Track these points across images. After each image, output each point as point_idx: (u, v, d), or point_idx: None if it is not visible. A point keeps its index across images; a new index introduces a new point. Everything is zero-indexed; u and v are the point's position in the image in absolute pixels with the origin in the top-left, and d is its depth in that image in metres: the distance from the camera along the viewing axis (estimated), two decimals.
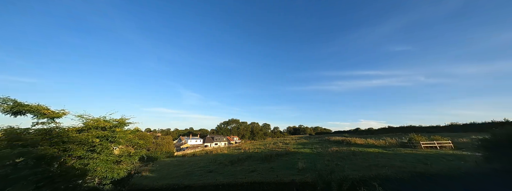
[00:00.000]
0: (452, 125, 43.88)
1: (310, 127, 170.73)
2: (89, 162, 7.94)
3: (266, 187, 10.07)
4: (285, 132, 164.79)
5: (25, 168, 6.60)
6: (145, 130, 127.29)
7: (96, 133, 8.46)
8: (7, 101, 7.32)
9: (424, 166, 13.54)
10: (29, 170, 6.51)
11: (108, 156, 8.60)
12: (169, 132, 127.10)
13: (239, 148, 45.53)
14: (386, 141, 30.71)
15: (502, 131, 10.12)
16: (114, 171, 8.69)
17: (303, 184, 9.62)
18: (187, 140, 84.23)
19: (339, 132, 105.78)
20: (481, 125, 36.57)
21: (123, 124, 10.07)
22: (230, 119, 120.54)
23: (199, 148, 69.96)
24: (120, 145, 9.92)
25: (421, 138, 25.86)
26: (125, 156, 9.53)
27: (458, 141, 24.59)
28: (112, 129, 9.22)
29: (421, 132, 40.63)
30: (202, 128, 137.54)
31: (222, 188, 10.70)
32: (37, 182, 6.51)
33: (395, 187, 8.56)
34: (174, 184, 11.90)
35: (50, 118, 8.24)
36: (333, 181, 8.40)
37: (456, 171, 9.42)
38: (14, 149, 6.91)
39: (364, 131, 77.39)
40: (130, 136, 9.85)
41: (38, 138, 7.46)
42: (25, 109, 7.58)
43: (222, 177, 16.63)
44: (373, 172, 10.38)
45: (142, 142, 10.89)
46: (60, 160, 7.43)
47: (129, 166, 10.14)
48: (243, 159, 25.93)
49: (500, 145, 9.77)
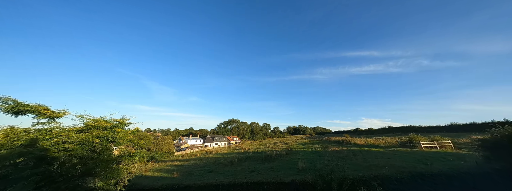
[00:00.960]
0: (452, 125, 43.94)
1: (310, 127, 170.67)
2: (89, 162, 7.94)
3: (266, 187, 10.07)
4: (285, 132, 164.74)
5: (25, 168, 6.61)
6: (145, 130, 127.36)
7: (96, 133, 8.46)
8: (8, 101, 7.33)
9: (424, 166, 13.54)
10: (29, 170, 6.53)
11: (109, 156, 8.60)
12: (169, 132, 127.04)
13: (239, 148, 45.52)
14: (386, 141, 30.72)
15: (502, 131, 10.13)
16: (114, 171, 8.70)
17: (303, 184, 9.62)
18: (187, 140, 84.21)
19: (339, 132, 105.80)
20: (481, 125, 36.54)
21: (124, 124, 10.07)
22: (230, 119, 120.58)
23: (199, 148, 69.95)
24: (121, 146, 9.93)
25: (421, 138, 25.86)
26: (125, 156, 9.53)
27: (458, 141, 24.57)
28: (113, 129, 9.21)
29: (421, 132, 40.65)
30: (202, 128, 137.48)
31: (222, 188, 10.70)
32: (38, 182, 6.52)
33: (395, 187, 8.57)
34: (174, 184, 11.91)
35: (50, 118, 8.25)
36: (333, 181, 8.40)
37: (456, 171, 9.42)
38: (14, 149, 6.94)
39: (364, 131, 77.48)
40: (131, 137, 9.85)
41: (39, 138, 7.47)
42: (26, 109, 7.59)
43: (222, 177, 16.64)
44: (373, 172, 10.39)
45: (142, 142, 10.89)
46: (60, 160, 7.44)
47: (129, 166, 10.15)
48: (243, 159, 25.92)
49: (500, 145, 9.78)
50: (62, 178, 7.14)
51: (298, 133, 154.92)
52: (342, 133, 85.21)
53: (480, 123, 37.91)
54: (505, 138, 9.74)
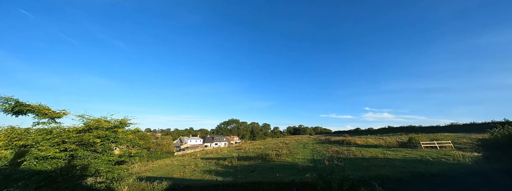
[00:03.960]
0: (452, 125, 43.91)
1: (310, 127, 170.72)
2: (90, 162, 7.95)
3: (266, 187, 10.08)
4: (285, 132, 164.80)
5: (26, 168, 6.63)
6: (145, 130, 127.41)
7: (97, 133, 8.47)
8: (9, 101, 7.33)
9: (424, 166, 13.56)
10: (30, 170, 6.54)
11: (109, 156, 8.61)
12: (169, 132, 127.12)
13: (239, 148, 45.53)
14: (386, 141, 30.73)
15: (502, 131, 10.14)
16: (114, 171, 8.71)
17: (303, 184, 9.63)
18: (187, 140, 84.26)
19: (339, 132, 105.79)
20: (481, 125, 36.54)
21: (125, 125, 10.07)
22: (230, 119, 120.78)
23: (199, 148, 69.99)
24: (121, 146, 9.94)
25: (421, 138, 25.87)
26: (126, 157, 9.54)
27: (458, 141, 24.59)
28: (114, 129, 9.22)
29: (421, 132, 40.68)
30: (202, 128, 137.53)
31: (222, 188, 10.71)
32: (38, 182, 6.54)
33: (395, 187, 8.57)
34: (174, 184, 11.93)
35: (51, 118, 8.26)
36: (333, 181, 8.40)
37: (456, 171, 9.43)
38: (15, 149, 6.96)
39: (364, 131, 77.55)
40: (131, 137, 9.85)
41: (39, 138, 7.48)
42: (26, 108, 7.60)
43: (222, 177, 16.66)
44: (373, 172, 10.40)
45: (142, 143, 10.90)
46: (60, 160, 7.45)
47: (129, 166, 10.16)
48: (243, 159, 25.95)
49: (500, 145, 9.79)
50: (63, 178, 7.15)
51: (298, 133, 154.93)
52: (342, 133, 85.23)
53: (480, 123, 37.87)
54: (505, 138, 9.75)
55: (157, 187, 11.76)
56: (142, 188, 12.04)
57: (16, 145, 7.09)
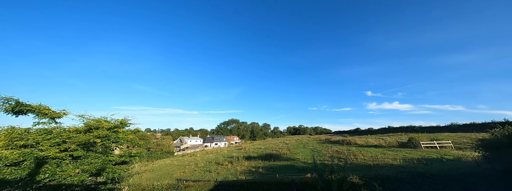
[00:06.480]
0: (452, 125, 43.97)
1: (310, 127, 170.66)
2: (91, 161, 7.95)
3: (266, 187, 10.08)
4: (285, 132, 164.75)
5: (26, 168, 6.63)
6: (145, 130, 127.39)
7: (97, 133, 8.47)
8: (9, 101, 7.33)
9: (424, 166, 13.57)
10: (30, 170, 6.55)
11: (109, 156, 8.61)
12: (169, 132, 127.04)
13: (239, 148, 45.52)
14: (386, 141, 30.72)
15: (502, 131, 10.15)
16: (115, 171, 8.70)
17: (303, 184, 9.64)
18: (187, 140, 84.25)
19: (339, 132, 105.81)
20: (481, 125, 36.56)
21: (125, 125, 10.07)
22: (230, 119, 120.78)
23: (199, 148, 69.98)
24: (121, 146, 9.93)
25: (421, 138, 25.85)
26: (126, 157, 9.54)
27: (458, 141, 24.59)
28: (114, 129, 9.22)
29: (421, 132, 40.68)
30: (202, 128, 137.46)
31: (222, 188, 10.73)
32: (38, 182, 6.54)
33: (395, 187, 8.58)
34: (174, 184, 11.94)
35: (51, 118, 8.25)
36: (333, 181, 8.42)
37: (456, 171, 9.44)
38: (15, 149, 6.96)
39: (364, 131, 77.66)
40: (131, 137, 9.85)
41: (39, 138, 7.48)
42: (27, 109, 7.60)
43: (222, 177, 16.67)
44: (373, 172, 10.41)
45: (142, 143, 10.89)
46: (60, 160, 7.45)
47: (129, 166, 10.15)
48: (243, 159, 25.95)
49: (500, 145, 9.79)
50: (63, 178, 7.16)
51: (298, 133, 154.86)
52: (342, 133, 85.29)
53: (480, 123, 37.91)
54: (505, 138, 9.76)
55: (157, 186, 11.77)
56: (142, 188, 12.05)
57: (16, 145, 7.10)
